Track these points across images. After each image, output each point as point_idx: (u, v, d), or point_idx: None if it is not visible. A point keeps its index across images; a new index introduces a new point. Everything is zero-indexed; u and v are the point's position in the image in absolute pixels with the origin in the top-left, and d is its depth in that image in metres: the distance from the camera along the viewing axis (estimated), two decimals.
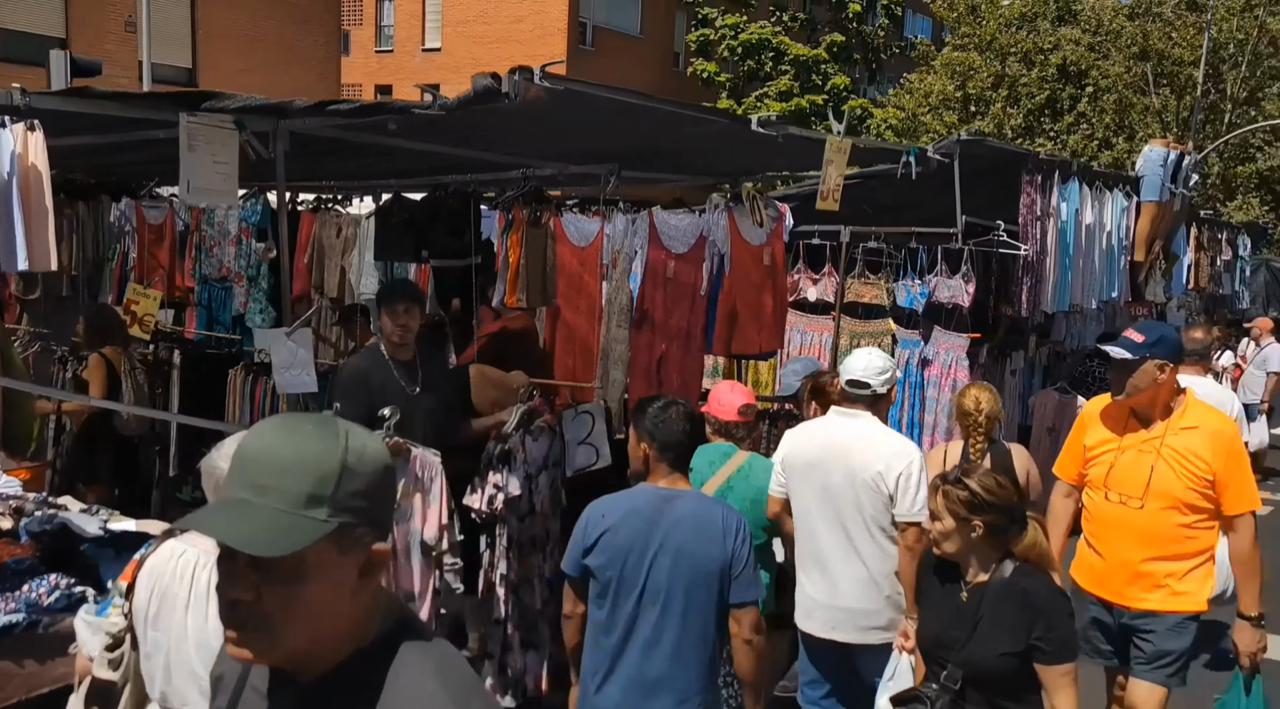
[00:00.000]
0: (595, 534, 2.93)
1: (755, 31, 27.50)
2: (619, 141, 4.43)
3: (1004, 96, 26.06)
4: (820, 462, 3.67)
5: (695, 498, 3.01)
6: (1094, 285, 7.91)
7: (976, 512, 2.84)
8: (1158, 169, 8.54)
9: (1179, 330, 8.83)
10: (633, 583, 2.88)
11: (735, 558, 2.88)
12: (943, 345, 6.13)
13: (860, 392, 3.73)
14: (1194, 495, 3.59)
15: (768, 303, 5.44)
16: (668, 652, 2.86)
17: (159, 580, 2.32)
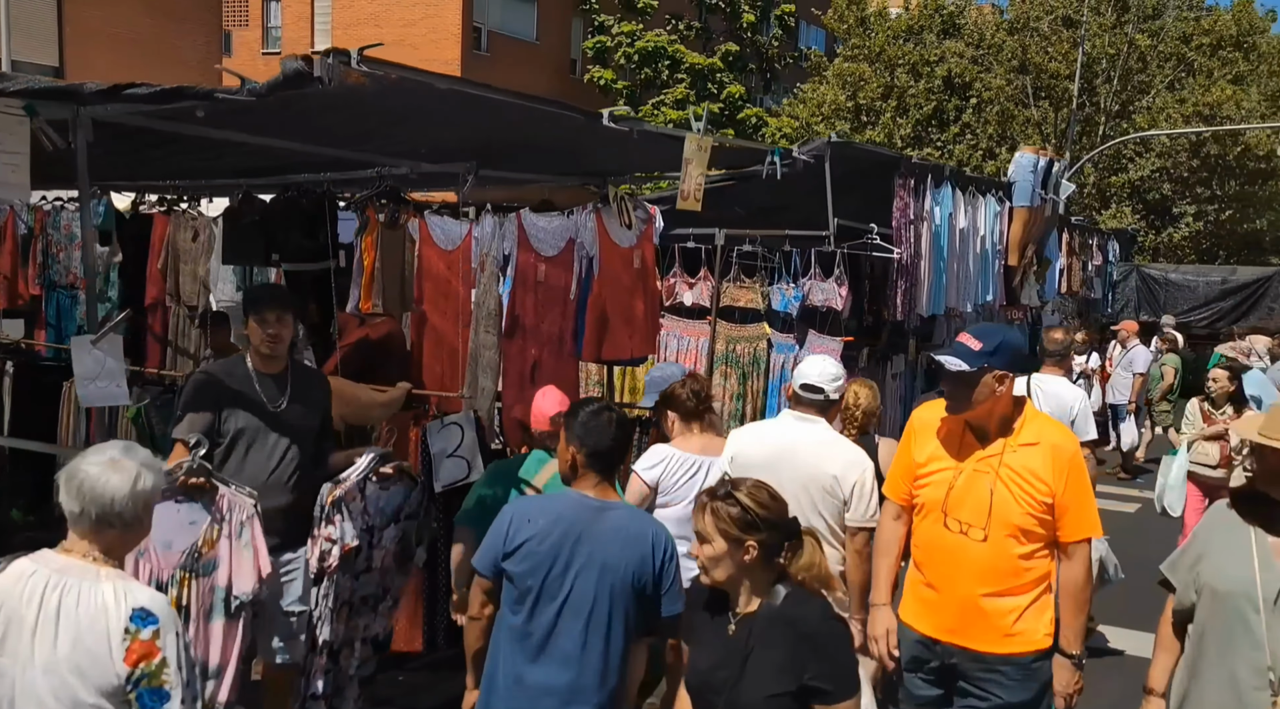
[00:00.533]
0: (519, 539, 2.86)
1: (651, 39, 27.57)
2: (471, 137, 4.26)
3: (893, 107, 26.70)
4: (772, 463, 3.66)
5: (626, 512, 2.97)
6: (969, 289, 8.05)
7: (750, 530, 2.48)
8: (1028, 175, 8.76)
9: (1036, 332, 9.11)
10: (554, 593, 2.83)
11: (663, 575, 2.90)
12: (817, 349, 6.12)
13: (814, 396, 3.83)
14: (1032, 521, 3.21)
15: (639, 306, 5.33)
16: (592, 665, 2.82)
17: (5, 604, 2.23)
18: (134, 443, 2.45)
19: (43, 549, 2.32)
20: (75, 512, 2.26)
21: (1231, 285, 19.07)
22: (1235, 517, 2.88)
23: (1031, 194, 8.79)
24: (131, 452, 2.32)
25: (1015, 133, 26.97)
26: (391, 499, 3.76)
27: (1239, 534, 2.83)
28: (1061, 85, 25.98)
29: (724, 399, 6.14)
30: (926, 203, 7.09)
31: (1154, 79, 26.67)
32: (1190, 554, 2.97)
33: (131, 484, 2.26)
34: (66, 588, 2.20)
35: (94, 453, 2.30)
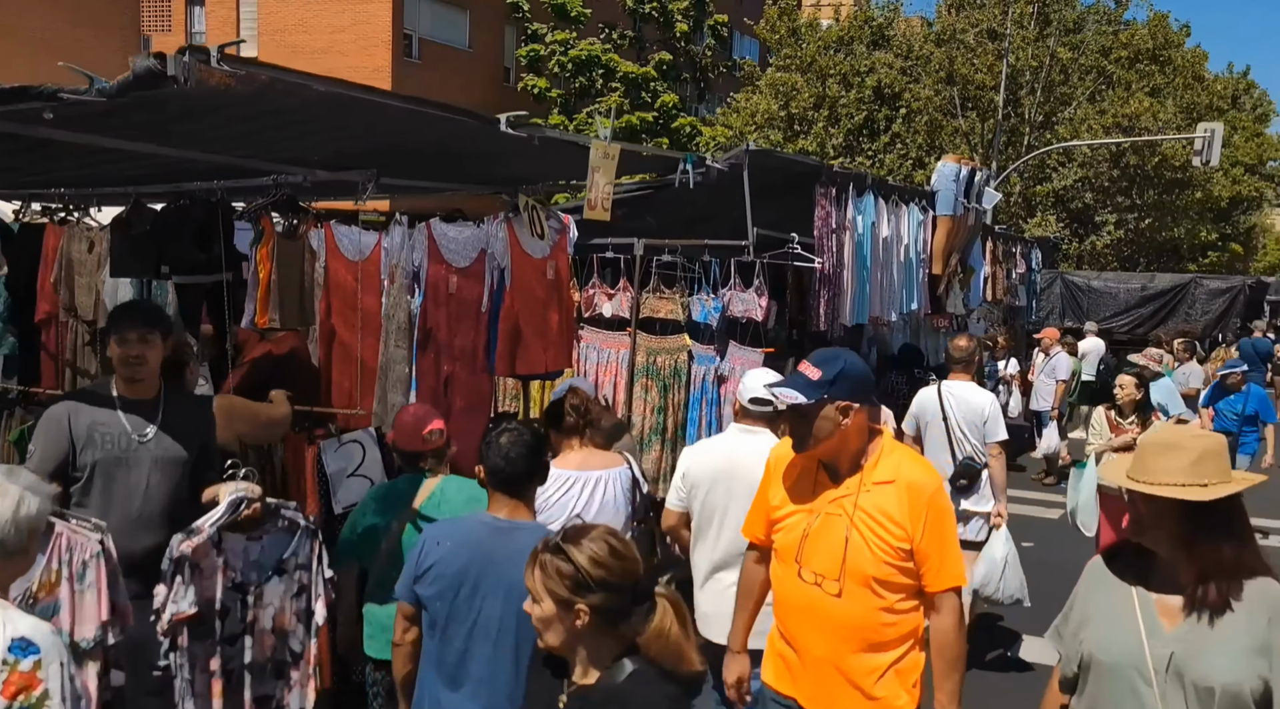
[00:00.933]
0: (428, 562, 2.82)
1: (585, 48, 27.46)
2: (371, 143, 4.08)
3: (825, 116, 26.96)
4: (721, 475, 3.78)
5: (535, 533, 2.74)
6: (893, 298, 8.04)
7: (581, 591, 2.08)
8: (951, 184, 8.80)
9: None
10: (463, 617, 2.77)
11: None
12: (738, 360, 6.03)
13: (763, 409, 3.81)
14: (890, 570, 2.85)
15: (554, 319, 5.19)
16: (502, 690, 2.74)
17: None
18: (16, 467, 2.33)
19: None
20: None
21: (1151, 292, 19.56)
22: (1113, 575, 2.47)
23: (954, 203, 8.83)
24: (13, 475, 2.21)
25: (944, 143, 27.41)
26: (271, 549, 3.27)
27: (1120, 596, 2.42)
28: (987, 96, 26.48)
29: (644, 412, 6.02)
30: (848, 212, 7.06)
31: (1075, 91, 27.33)
32: (1073, 620, 2.55)
33: (13, 510, 2.14)
34: None
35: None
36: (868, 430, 2.92)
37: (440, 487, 3.59)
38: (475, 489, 3.53)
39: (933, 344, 10.24)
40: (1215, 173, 28.20)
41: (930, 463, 3.02)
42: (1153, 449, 2.38)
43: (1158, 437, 2.42)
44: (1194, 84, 28.45)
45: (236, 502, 3.18)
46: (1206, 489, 2.28)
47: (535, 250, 5.11)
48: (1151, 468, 2.34)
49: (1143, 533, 2.39)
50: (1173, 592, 2.36)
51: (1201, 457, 2.32)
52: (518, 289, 5.06)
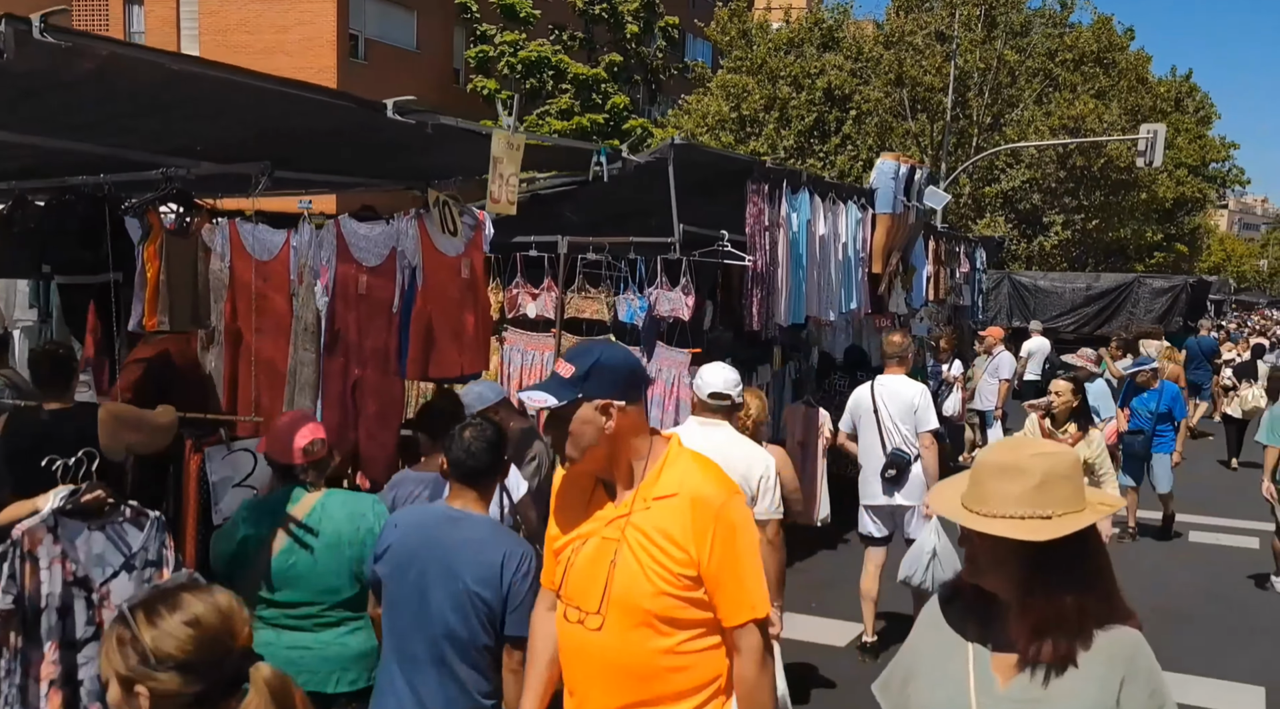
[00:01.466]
0: (384, 543, 2.97)
1: (535, 49, 27.23)
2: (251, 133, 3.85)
3: (776, 118, 26.96)
4: None
5: (484, 526, 2.94)
6: (831, 297, 7.93)
7: (147, 670, 1.61)
8: (889, 182, 8.71)
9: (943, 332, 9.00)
10: (407, 600, 2.88)
11: (512, 593, 2.82)
12: (665, 362, 5.85)
13: (721, 403, 4.00)
14: (671, 602, 2.30)
15: (469, 320, 4.98)
16: (435, 674, 2.83)
17: None
18: None
19: None
20: None
21: (1095, 291, 19.73)
22: (947, 621, 2.05)
23: (894, 201, 8.75)
24: None
25: (894, 144, 27.53)
26: (116, 541, 3.00)
27: (953, 646, 2.01)
28: (936, 98, 26.64)
29: None
30: (782, 209, 6.93)
31: (1022, 93, 27.60)
32: (899, 672, 2.14)
33: None
34: None
35: None
36: (644, 434, 2.39)
37: (321, 502, 3.30)
38: (360, 503, 3.31)
39: (876, 345, 10.15)
40: (1159, 174, 28.67)
41: (724, 471, 2.48)
42: (988, 471, 1.94)
43: (995, 456, 1.97)
44: (1138, 87, 28.86)
45: (71, 492, 2.94)
46: (1050, 522, 1.86)
47: (448, 248, 4.90)
48: (988, 495, 1.91)
49: (980, 575, 1.96)
50: (1012, 644, 1.94)
51: (1045, 481, 1.89)
52: (430, 289, 4.85)
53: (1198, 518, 9.90)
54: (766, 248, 6.73)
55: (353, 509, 3.27)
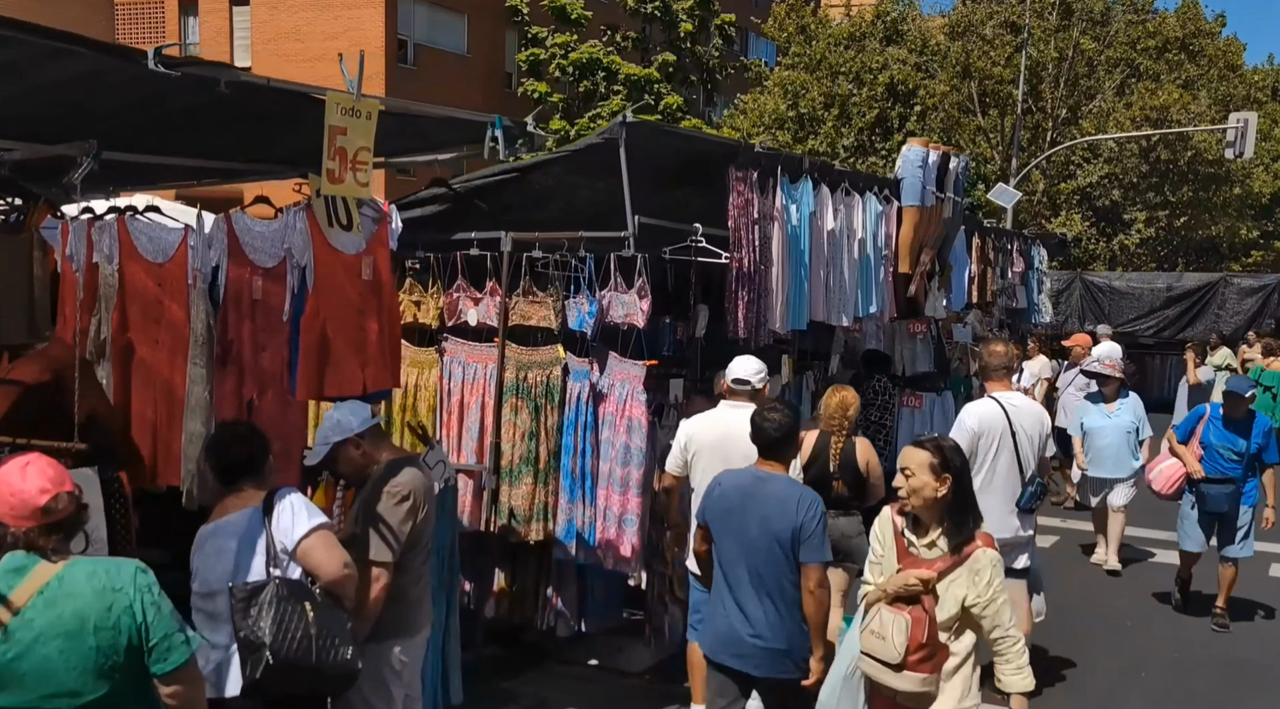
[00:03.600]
0: (710, 498, 3.94)
1: (586, 51, 26.64)
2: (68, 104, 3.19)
3: (835, 115, 25.89)
4: (722, 444, 4.51)
5: (784, 482, 3.87)
6: (844, 300, 7.02)
7: None
8: (916, 171, 7.77)
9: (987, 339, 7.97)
10: (731, 540, 3.82)
11: (803, 528, 3.70)
12: (619, 375, 5.05)
13: (744, 388, 4.74)
14: None
15: (372, 327, 4.27)
16: (754, 594, 3.74)
17: None
18: None
19: None
20: None
21: (1177, 292, 18.24)
22: None
23: (921, 192, 7.79)
24: None
25: (963, 140, 26.28)
26: None
27: None
28: (1006, 91, 25.27)
29: (514, 438, 5.07)
30: (777, 199, 6.07)
31: (1101, 83, 26.02)
32: None
33: None
34: None
35: None
36: None
37: (60, 577, 2.49)
38: (117, 575, 2.54)
39: (909, 352, 9.17)
40: (1255, 167, 26.73)
41: None
42: None
43: None
44: (1229, 75, 26.97)
45: None
46: None
47: (345, 245, 4.20)
48: None
49: None
50: None
51: None
52: (324, 292, 4.15)
53: None
54: (755, 244, 5.87)
55: (105, 583, 2.52)
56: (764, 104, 26.75)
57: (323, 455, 3.41)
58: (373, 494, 3.37)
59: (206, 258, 4.45)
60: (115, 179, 4.75)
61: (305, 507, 3.14)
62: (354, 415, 3.47)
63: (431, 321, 5.35)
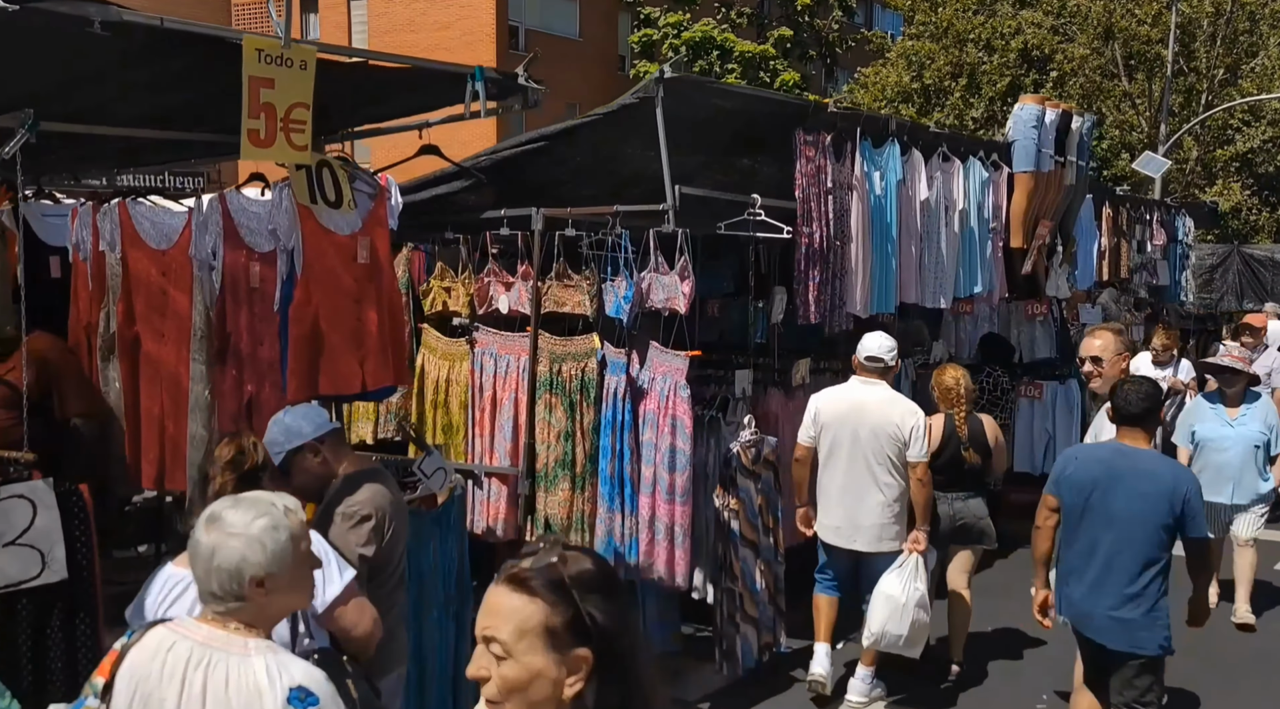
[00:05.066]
0: (1067, 472, 3.98)
1: (700, 30, 25.98)
2: None
3: (963, 85, 24.39)
4: (850, 417, 4.71)
5: (1150, 457, 3.91)
6: (942, 279, 6.23)
7: None
8: (1030, 132, 6.90)
9: (1084, 330, 6.91)
10: (1088, 512, 3.87)
11: (1187, 506, 3.76)
12: (660, 368, 4.45)
13: (876, 364, 4.76)
14: None
15: (370, 317, 3.81)
16: (1103, 564, 3.83)
17: (142, 681, 1.96)
18: (259, 496, 2.10)
19: (182, 616, 2.14)
20: (200, 585, 2.02)
21: None
22: None
23: (1036, 155, 6.90)
24: (239, 509, 2.01)
25: (1105, 107, 24.42)
26: None
27: None
28: (1154, 51, 23.25)
29: (549, 439, 4.54)
30: (856, 166, 5.36)
31: (1265, 39, 23.66)
32: None
33: (209, 558, 1.97)
34: (213, 664, 1.95)
35: (215, 506, 2.03)
36: None
37: None
38: None
39: (1027, 336, 8.23)
40: None
41: None
42: None
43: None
44: None
45: None
46: None
47: (338, 225, 3.75)
48: None
49: None
50: None
51: None
52: (314, 278, 3.71)
53: None
54: (829, 217, 5.18)
55: None
56: (886, 77, 25.44)
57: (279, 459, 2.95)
58: (325, 516, 2.89)
59: (203, 243, 4.09)
60: (81, 161, 4.45)
61: (330, 554, 2.52)
62: (308, 419, 2.99)
63: (462, 309, 4.89)
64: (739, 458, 4.64)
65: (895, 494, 4.67)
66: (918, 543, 4.66)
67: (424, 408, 4.94)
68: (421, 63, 3.04)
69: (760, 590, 4.70)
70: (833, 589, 4.92)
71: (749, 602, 4.70)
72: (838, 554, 4.81)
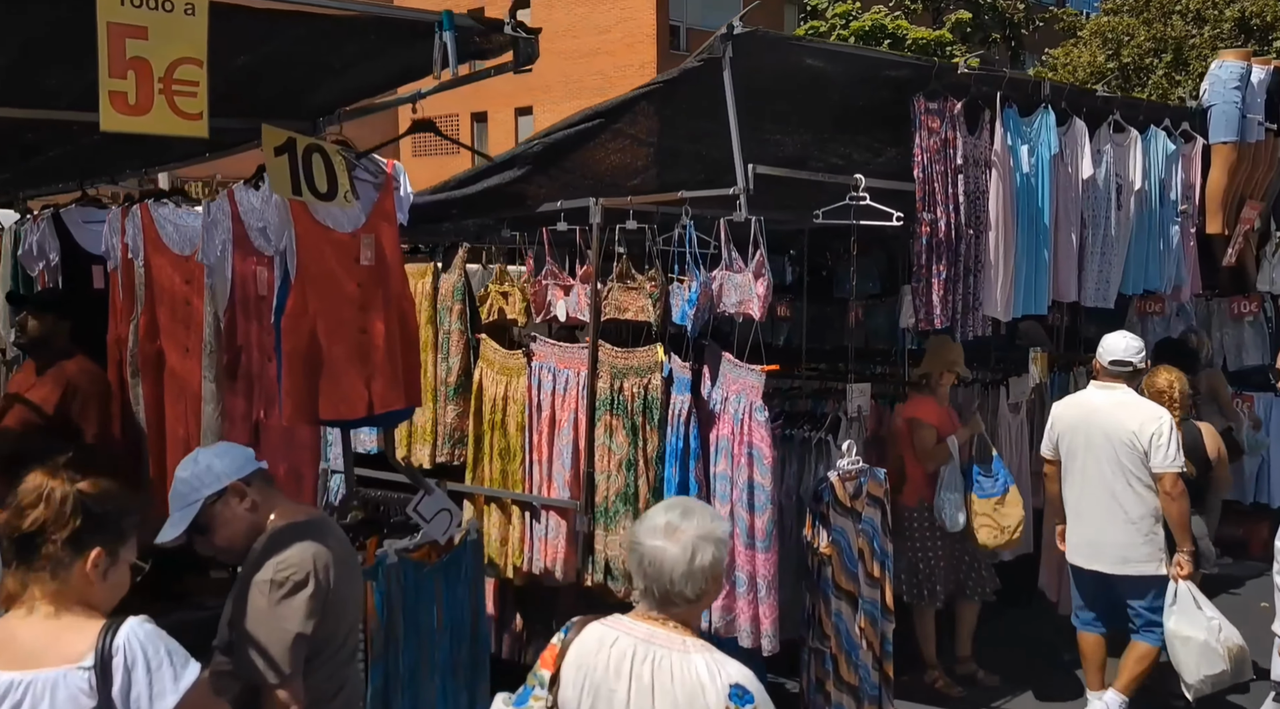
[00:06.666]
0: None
1: (870, 18, 24.73)
2: None
3: (1167, 62, 22.06)
4: (1082, 424, 4.42)
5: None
6: (1108, 272, 5.16)
7: None
8: (1232, 93, 5.71)
9: None
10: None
11: None
12: (732, 386, 3.67)
13: (1123, 368, 4.42)
14: None
15: (378, 328, 3.27)
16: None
17: (590, 672, 2.09)
18: (692, 502, 2.22)
19: (614, 614, 2.20)
20: (640, 586, 2.10)
21: None
22: None
23: (1240, 123, 5.68)
24: (690, 516, 2.09)
25: None
26: None
27: None
28: None
29: (609, 467, 3.83)
30: (996, 139, 4.41)
31: None
32: None
33: (689, 561, 2.03)
34: (657, 660, 2.04)
35: (652, 517, 2.10)
36: None
37: None
38: None
39: (1233, 339, 6.88)
40: None
41: None
42: None
43: None
44: None
45: None
46: None
47: (337, 221, 3.22)
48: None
49: None
50: None
51: None
52: (311, 282, 3.20)
53: None
54: (959, 201, 4.26)
55: None
56: (1077, 57, 23.37)
57: (188, 522, 2.38)
58: (245, 585, 2.31)
59: (212, 246, 3.66)
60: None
61: (165, 651, 1.90)
62: (226, 458, 2.43)
63: (519, 317, 4.28)
64: (833, 491, 3.81)
65: (1142, 510, 4.23)
66: (1180, 568, 4.17)
67: (481, 429, 4.35)
68: (370, 8, 2.44)
69: (860, 653, 3.84)
70: (1092, 624, 4.50)
71: (845, 666, 3.86)
72: (1083, 577, 4.47)
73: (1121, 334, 4.53)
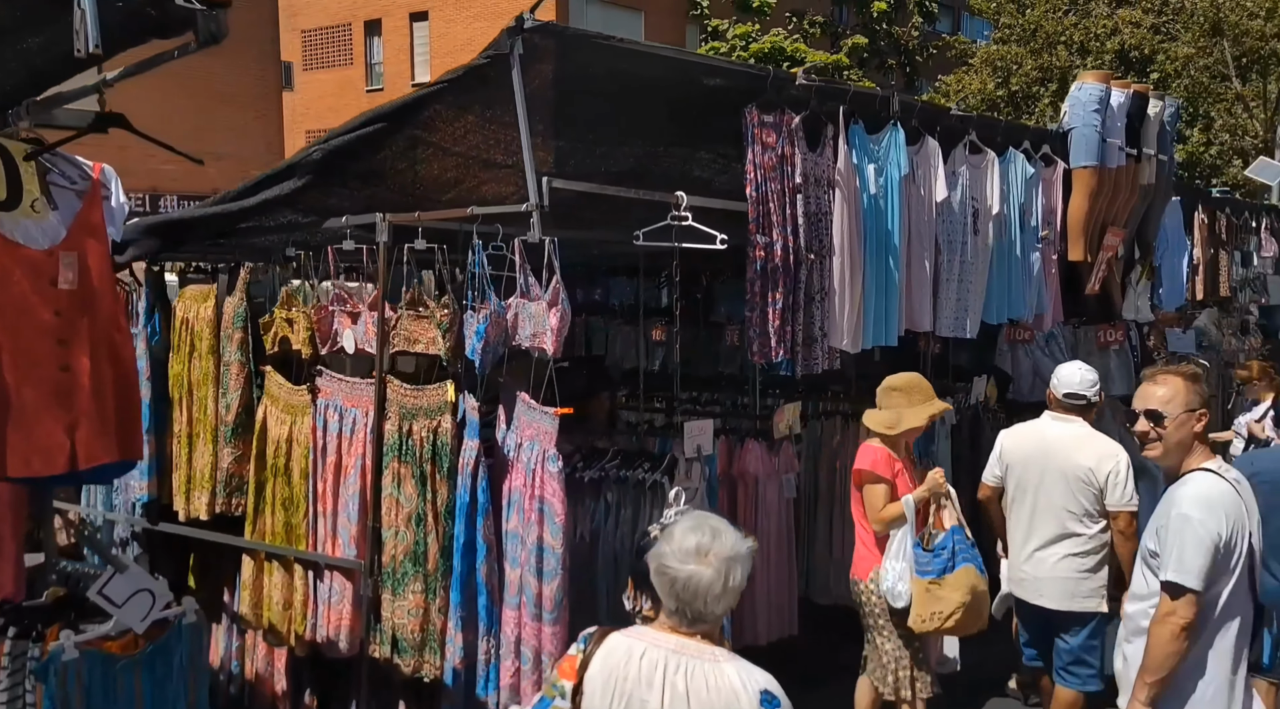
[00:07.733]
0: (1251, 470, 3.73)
1: (770, 41, 24.83)
2: None
3: (1053, 91, 22.58)
4: (1036, 458, 4.27)
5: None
6: (966, 301, 4.87)
7: None
8: (1091, 117, 5.50)
9: (1187, 360, 5.45)
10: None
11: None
12: (526, 430, 3.21)
13: (1076, 402, 4.29)
14: None
15: (82, 365, 2.73)
16: None
17: (620, 685, 2.15)
18: (714, 519, 2.23)
19: (637, 625, 2.29)
20: (670, 607, 2.17)
21: None
22: None
23: (1100, 147, 5.49)
24: (719, 536, 2.15)
25: (1215, 111, 22.36)
26: None
27: None
28: (1269, 48, 21.08)
29: (396, 522, 3.33)
30: (839, 156, 4.06)
31: None
32: None
33: (724, 584, 2.13)
34: (690, 670, 2.12)
35: (680, 539, 2.15)
36: None
37: None
38: None
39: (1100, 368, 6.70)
40: None
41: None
42: None
43: None
44: None
45: None
46: None
47: (29, 236, 2.67)
48: None
49: None
50: None
51: None
52: None
53: None
54: (797, 223, 3.90)
55: None
56: (969, 84, 23.80)
57: None
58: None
59: None
60: None
61: None
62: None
63: (303, 347, 3.75)
64: None
65: (1090, 546, 4.14)
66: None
67: (263, 475, 3.81)
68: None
69: None
70: (1036, 660, 4.40)
71: None
72: (1026, 611, 4.34)
73: (1077, 365, 4.37)
